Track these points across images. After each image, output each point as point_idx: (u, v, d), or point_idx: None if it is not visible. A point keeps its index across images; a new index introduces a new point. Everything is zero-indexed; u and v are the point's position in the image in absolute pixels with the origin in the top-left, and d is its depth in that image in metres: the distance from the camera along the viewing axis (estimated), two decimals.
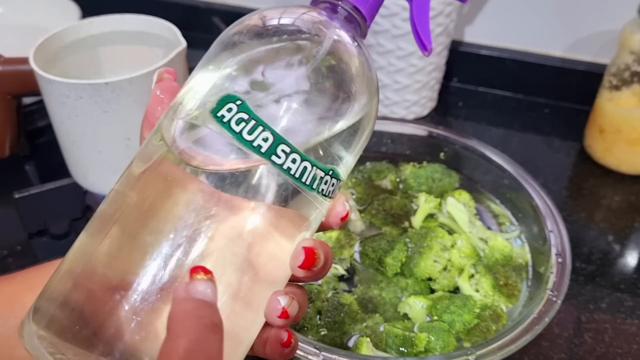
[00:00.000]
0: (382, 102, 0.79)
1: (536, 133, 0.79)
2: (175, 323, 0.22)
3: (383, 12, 0.70)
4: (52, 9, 0.86)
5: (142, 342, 0.24)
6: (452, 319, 0.45)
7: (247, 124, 0.25)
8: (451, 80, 0.89)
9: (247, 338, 0.28)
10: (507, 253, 0.50)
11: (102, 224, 0.26)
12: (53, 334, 0.24)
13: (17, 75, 0.61)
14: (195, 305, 0.23)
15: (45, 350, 0.24)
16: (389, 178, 0.58)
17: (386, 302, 0.47)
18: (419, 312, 0.46)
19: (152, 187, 0.26)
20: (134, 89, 0.51)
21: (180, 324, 0.22)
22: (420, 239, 0.51)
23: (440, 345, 0.43)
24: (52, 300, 0.25)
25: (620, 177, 0.71)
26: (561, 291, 0.44)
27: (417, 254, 0.50)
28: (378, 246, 0.50)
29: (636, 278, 0.59)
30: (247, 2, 0.97)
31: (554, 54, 0.83)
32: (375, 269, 0.50)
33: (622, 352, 0.51)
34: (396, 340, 0.43)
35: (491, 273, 0.48)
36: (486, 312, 0.46)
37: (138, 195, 0.26)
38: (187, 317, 0.22)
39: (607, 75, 0.70)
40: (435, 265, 0.49)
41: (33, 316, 0.25)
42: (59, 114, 0.54)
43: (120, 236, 0.26)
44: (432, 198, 0.55)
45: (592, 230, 0.64)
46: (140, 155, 0.28)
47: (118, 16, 0.60)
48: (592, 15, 0.78)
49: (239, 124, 0.25)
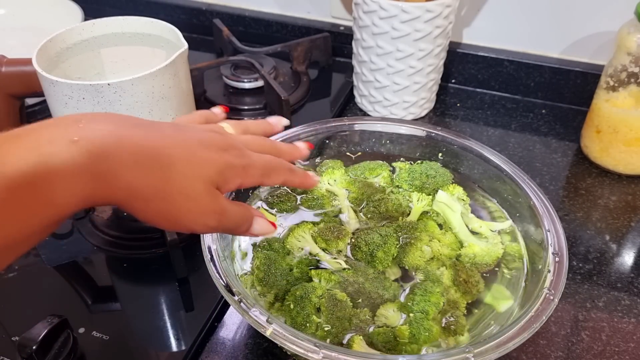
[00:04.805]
0: (381, 103, 0.79)
1: (533, 134, 0.80)
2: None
3: (382, 14, 0.70)
4: (55, 10, 0.86)
5: None
6: (422, 307, 0.46)
7: None
8: (449, 81, 0.89)
9: None
10: (480, 259, 0.51)
11: None
12: None
13: (20, 76, 0.61)
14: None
15: None
16: (383, 175, 0.59)
17: (372, 296, 0.48)
18: (394, 316, 0.47)
19: None
20: (136, 90, 0.52)
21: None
22: (411, 230, 0.52)
23: (424, 331, 0.45)
24: None
25: (616, 177, 0.72)
26: (558, 290, 0.44)
27: (407, 244, 0.51)
28: (371, 239, 0.50)
29: (633, 277, 0.59)
30: (249, 5, 0.97)
31: (551, 55, 0.84)
32: (367, 262, 0.50)
33: (618, 351, 0.52)
34: (379, 337, 0.45)
35: (454, 268, 0.50)
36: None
37: None
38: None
39: (604, 76, 0.70)
40: (423, 256, 0.51)
41: None
42: (61, 115, 0.54)
43: None
44: (424, 196, 0.56)
45: (589, 230, 0.65)
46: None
47: (120, 18, 0.61)
48: (589, 16, 0.79)
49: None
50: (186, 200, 0.36)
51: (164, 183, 0.35)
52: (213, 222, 0.38)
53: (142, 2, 1.00)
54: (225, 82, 0.85)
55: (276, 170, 0.42)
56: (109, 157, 0.32)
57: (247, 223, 0.41)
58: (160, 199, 0.35)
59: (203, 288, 0.55)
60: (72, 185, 0.31)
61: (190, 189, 0.36)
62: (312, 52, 0.89)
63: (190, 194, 0.36)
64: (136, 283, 0.57)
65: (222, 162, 0.38)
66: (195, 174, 0.36)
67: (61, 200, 0.30)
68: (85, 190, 0.31)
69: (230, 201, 0.39)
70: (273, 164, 0.42)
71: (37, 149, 0.30)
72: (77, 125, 0.32)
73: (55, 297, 0.55)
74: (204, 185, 0.37)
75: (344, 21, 0.93)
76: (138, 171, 0.34)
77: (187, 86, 0.57)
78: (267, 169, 0.41)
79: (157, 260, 0.59)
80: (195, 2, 0.99)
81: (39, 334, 0.45)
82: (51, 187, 0.30)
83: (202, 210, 0.37)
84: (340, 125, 0.61)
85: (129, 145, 0.34)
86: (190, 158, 0.37)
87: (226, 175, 0.38)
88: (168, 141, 0.36)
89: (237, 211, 0.40)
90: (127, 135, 0.34)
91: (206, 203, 0.37)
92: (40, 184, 0.29)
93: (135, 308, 0.55)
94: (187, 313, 0.54)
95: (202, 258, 0.46)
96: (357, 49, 0.78)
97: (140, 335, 0.52)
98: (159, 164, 0.35)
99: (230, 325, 0.54)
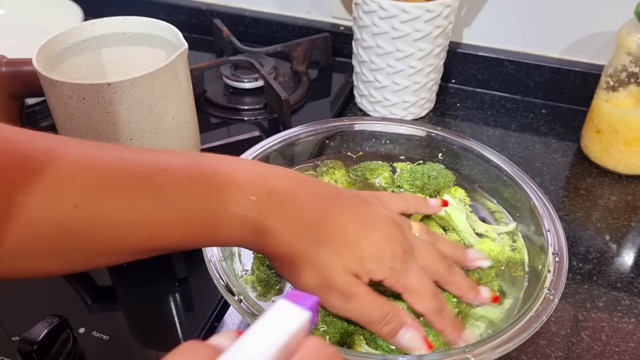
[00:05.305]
0: (381, 103, 0.79)
1: (533, 134, 0.80)
2: None
3: (382, 14, 0.70)
4: (55, 10, 0.86)
5: None
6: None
7: None
8: (449, 81, 0.89)
9: None
10: (494, 256, 0.50)
11: None
12: None
13: (20, 76, 0.61)
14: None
15: None
16: (383, 175, 0.59)
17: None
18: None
19: None
20: (136, 90, 0.52)
21: None
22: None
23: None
24: None
25: (617, 177, 0.72)
26: (558, 290, 0.44)
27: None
28: None
29: (633, 277, 0.59)
30: (249, 5, 0.97)
31: (551, 55, 0.84)
32: None
33: (619, 351, 0.52)
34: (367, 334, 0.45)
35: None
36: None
37: None
38: None
39: (604, 76, 0.70)
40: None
41: None
42: (61, 115, 0.54)
43: None
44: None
45: (589, 230, 0.65)
46: None
47: (120, 18, 0.61)
48: (589, 16, 0.79)
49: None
50: (317, 274, 0.38)
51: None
52: (337, 303, 0.39)
53: (142, 2, 1.00)
54: (225, 82, 0.85)
55: (404, 318, 0.41)
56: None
57: (387, 325, 0.40)
58: (297, 265, 0.38)
59: (203, 288, 0.55)
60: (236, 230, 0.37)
61: (325, 265, 0.38)
62: (312, 52, 0.89)
63: (321, 270, 0.38)
64: (136, 283, 0.57)
65: (372, 253, 0.39)
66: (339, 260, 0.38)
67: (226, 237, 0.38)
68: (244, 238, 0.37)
69: (372, 293, 0.39)
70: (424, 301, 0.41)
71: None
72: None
73: (55, 297, 0.55)
74: (340, 266, 0.38)
75: (344, 21, 0.93)
76: (291, 237, 0.37)
77: (187, 86, 0.57)
78: (417, 295, 0.40)
79: (157, 260, 0.58)
80: (195, 2, 0.99)
81: (39, 334, 0.45)
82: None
83: (327, 287, 0.38)
84: (340, 125, 0.61)
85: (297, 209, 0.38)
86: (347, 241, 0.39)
87: (368, 267, 0.39)
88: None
89: (373, 305, 0.39)
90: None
91: (333, 281, 0.38)
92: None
93: (135, 308, 0.55)
94: (187, 313, 0.54)
95: (202, 258, 0.46)
96: (357, 49, 0.78)
97: (140, 335, 0.52)
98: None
99: (230, 325, 0.54)
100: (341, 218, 0.39)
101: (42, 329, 0.45)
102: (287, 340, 0.23)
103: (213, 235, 0.37)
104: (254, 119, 0.80)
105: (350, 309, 0.39)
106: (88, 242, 0.34)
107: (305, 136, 0.60)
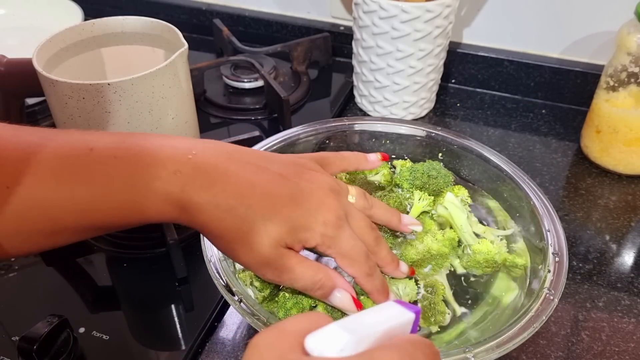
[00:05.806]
0: (381, 103, 0.79)
1: (533, 134, 0.80)
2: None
3: (382, 14, 0.70)
4: (55, 10, 0.86)
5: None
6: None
7: None
8: (449, 81, 0.89)
9: None
10: (490, 257, 0.50)
11: None
12: None
13: (20, 76, 0.61)
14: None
15: None
16: (383, 173, 0.59)
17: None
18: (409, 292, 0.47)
19: None
20: (136, 90, 0.52)
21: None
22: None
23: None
24: None
25: (616, 177, 0.72)
26: (558, 290, 0.44)
27: (403, 242, 0.51)
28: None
29: (633, 277, 0.59)
30: (249, 5, 0.97)
31: (551, 55, 0.84)
32: None
33: (618, 351, 0.52)
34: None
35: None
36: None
37: None
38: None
39: (604, 76, 0.70)
40: (418, 253, 0.51)
41: None
42: (61, 115, 0.54)
43: None
44: (426, 196, 0.56)
45: (589, 230, 0.65)
46: None
47: (120, 18, 0.61)
48: (589, 16, 0.79)
49: None
50: (249, 251, 0.38)
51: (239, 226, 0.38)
52: (271, 276, 0.39)
53: (142, 2, 1.00)
54: (225, 82, 0.85)
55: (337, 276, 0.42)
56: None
57: (320, 290, 0.40)
58: (228, 240, 0.38)
59: (203, 288, 0.55)
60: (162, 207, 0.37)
61: (255, 240, 0.38)
62: (312, 52, 0.89)
63: (252, 246, 0.38)
64: (136, 283, 0.57)
65: (303, 222, 0.39)
66: (267, 230, 0.38)
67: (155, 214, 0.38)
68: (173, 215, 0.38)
69: (304, 262, 0.40)
70: (357, 256, 0.41)
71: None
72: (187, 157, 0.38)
73: (55, 297, 0.55)
74: (270, 240, 0.38)
75: (344, 21, 0.93)
76: (218, 212, 0.37)
77: (187, 86, 0.57)
78: (348, 259, 0.41)
79: (157, 260, 0.59)
80: (195, 2, 0.99)
81: (39, 334, 0.45)
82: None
83: (259, 263, 0.38)
84: (340, 125, 0.61)
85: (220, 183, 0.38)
86: (272, 211, 0.39)
87: (300, 236, 0.39)
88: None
89: (306, 275, 0.40)
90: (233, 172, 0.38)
91: (265, 257, 0.38)
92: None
93: (135, 308, 0.55)
94: (187, 313, 0.54)
95: (202, 258, 0.46)
96: (357, 49, 0.78)
97: (140, 335, 0.52)
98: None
99: (230, 325, 0.54)
100: (271, 189, 0.39)
101: (42, 329, 0.45)
102: (394, 326, 0.27)
103: (141, 212, 0.37)
104: (254, 119, 0.80)
105: (285, 280, 0.40)
106: (26, 223, 0.36)
107: (305, 136, 0.60)
